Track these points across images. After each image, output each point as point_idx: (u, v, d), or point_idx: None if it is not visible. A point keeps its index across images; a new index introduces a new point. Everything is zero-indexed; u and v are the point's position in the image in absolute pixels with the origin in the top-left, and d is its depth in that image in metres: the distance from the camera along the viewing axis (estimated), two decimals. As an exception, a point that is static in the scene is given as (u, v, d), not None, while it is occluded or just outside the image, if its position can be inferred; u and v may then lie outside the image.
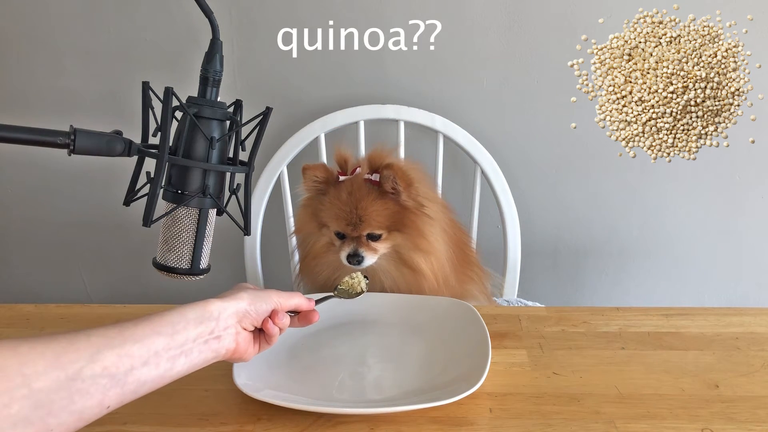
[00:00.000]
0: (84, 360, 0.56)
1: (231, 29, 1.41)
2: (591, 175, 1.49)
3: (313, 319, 0.79)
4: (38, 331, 0.96)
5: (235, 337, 0.69)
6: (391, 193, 0.98)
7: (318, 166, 1.02)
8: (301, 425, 0.73)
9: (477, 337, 0.86)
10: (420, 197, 0.99)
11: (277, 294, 0.75)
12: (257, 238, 1.41)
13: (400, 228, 0.99)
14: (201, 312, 0.66)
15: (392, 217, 0.99)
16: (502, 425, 0.73)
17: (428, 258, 1.00)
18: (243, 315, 0.70)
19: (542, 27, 1.39)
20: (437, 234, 1.01)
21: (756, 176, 1.47)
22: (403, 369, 0.85)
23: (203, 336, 0.65)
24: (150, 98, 0.69)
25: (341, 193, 0.99)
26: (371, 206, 0.98)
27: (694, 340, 0.90)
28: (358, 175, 1.00)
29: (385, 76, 1.43)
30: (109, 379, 0.57)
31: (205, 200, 0.70)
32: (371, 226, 0.98)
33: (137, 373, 0.59)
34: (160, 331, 0.62)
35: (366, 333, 0.94)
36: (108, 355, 0.57)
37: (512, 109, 1.44)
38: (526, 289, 1.45)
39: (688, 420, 0.73)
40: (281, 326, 0.74)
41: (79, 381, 0.55)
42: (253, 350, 0.73)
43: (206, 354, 0.66)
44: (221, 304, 0.68)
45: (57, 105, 1.48)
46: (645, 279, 1.57)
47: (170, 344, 0.62)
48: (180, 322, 0.64)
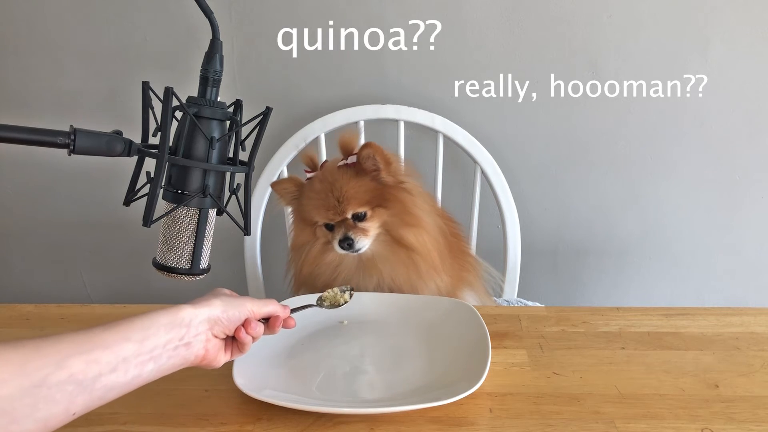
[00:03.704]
0: (50, 367, 0.55)
1: (231, 29, 1.41)
2: (591, 175, 1.49)
3: (289, 326, 0.79)
4: (38, 331, 0.96)
5: (204, 345, 0.68)
6: (372, 171, 0.99)
7: (284, 179, 1.06)
8: (301, 425, 0.73)
9: (477, 337, 0.86)
10: (399, 175, 1.01)
11: (251, 302, 0.74)
12: (257, 238, 1.41)
13: (383, 203, 1.00)
14: (172, 318, 0.65)
15: (372, 193, 0.99)
16: (502, 425, 0.73)
17: (419, 232, 1.01)
18: (214, 322, 0.69)
19: (542, 27, 1.39)
20: (421, 206, 1.02)
21: (756, 176, 1.47)
22: (403, 369, 0.85)
23: (173, 342, 0.65)
24: (150, 98, 0.69)
25: (314, 185, 1.01)
26: (347, 185, 0.99)
27: (694, 340, 0.90)
28: (328, 165, 1.02)
29: (385, 76, 1.43)
30: (75, 386, 0.56)
31: (205, 200, 0.70)
32: (352, 205, 0.99)
33: (105, 380, 0.59)
34: (129, 337, 0.61)
35: (366, 333, 0.94)
36: (75, 361, 0.57)
37: (512, 109, 1.44)
38: (526, 289, 1.45)
39: (688, 420, 0.73)
40: (254, 335, 0.73)
41: (45, 388, 0.54)
42: (223, 357, 0.72)
43: (174, 360, 0.65)
44: (193, 311, 0.67)
45: (57, 105, 1.48)
46: (645, 279, 1.57)
47: (140, 350, 0.62)
48: (150, 328, 0.63)
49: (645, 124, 1.44)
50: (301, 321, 0.87)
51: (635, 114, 1.43)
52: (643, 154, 1.47)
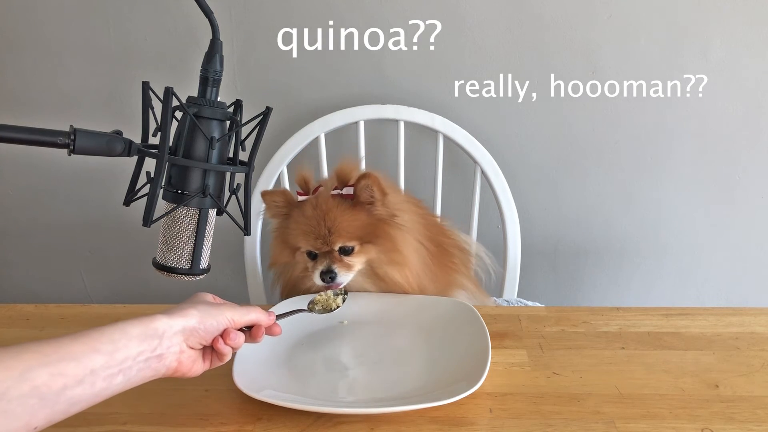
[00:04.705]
0: (12, 380, 0.52)
1: (231, 29, 1.41)
2: (591, 175, 1.49)
3: (274, 333, 0.76)
4: (38, 331, 0.96)
5: (177, 356, 0.66)
6: (367, 202, 0.96)
7: (277, 191, 1.02)
8: (301, 425, 0.73)
9: (477, 337, 0.86)
10: (393, 207, 0.98)
11: (231, 310, 0.71)
12: (257, 238, 1.41)
13: (373, 240, 0.97)
14: (145, 329, 0.63)
15: (363, 228, 0.97)
16: (502, 425, 0.73)
17: (403, 270, 0.99)
18: (190, 333, 0.66)
19: (542, 27, 1.39)
20: (410, 244, 0.99)
21: (756, 176, 1.47)
22: (403, 369, 0.85)
23: (144, 354, 0.62)
24: (150, 98, 0.69)
25: (306, 210, 0.97)
26: (340, 217, 0.96)
27: (694, 340, 0.90)
28: (323, 191, 0.98)
29: (385, 76, 1.43)
30: (38, 400, 0.54)
31: (205, 200, 0.70)
32: (342, 238, 0.96)
33: (70, 393, 0.56)
34: (98, 348, 0.58)
35: (366, 333, 0.94)
36: (40, 373, 0.54)
37: (512, 109, 1.44)
38: (526, 289, 1.45)
39: (688, 420, 0.73)
40: (233, 345, 0.70)
41: (5, 402, 0.52)
42: (201, 367, 0.70)
43: (145, 372, 0.63)
44: (167, 321, 0.65)
45: (57, 105, 1.48)
46: (645, 279, 1.57)
47: (109, 362, 0.59)
48: (121, 339, 0.60)
49: (645, 124, 1.44)
50: (301, 321, 0.88)
51: (635, 114, 1.43)
52: (643, 154, 1.47)
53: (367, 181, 0.95)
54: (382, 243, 0.98)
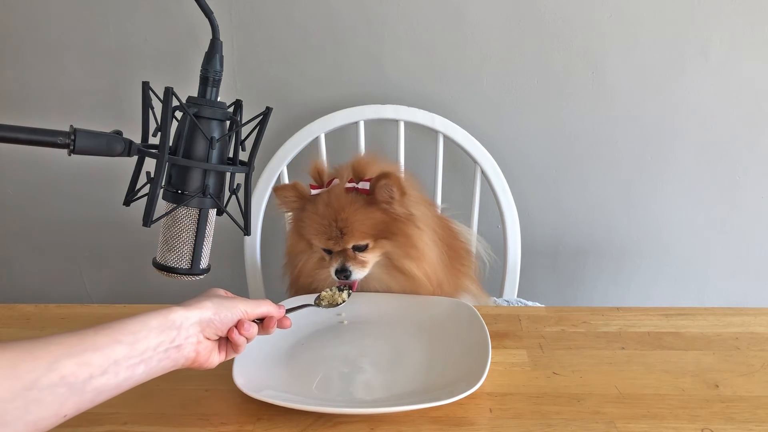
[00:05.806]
0: (42, 369, 0.54)
1: (231, 29, 1.41)
2: (591, 175, 1.49)
3: (284, 326, 0.78)
4: (38, 331, 0.96)
5: (195, 347, 0.68)
6: (384, 202, 0.95)
7: (287, 185, 1.02)
8: (301, 425, 0.73)
9: (477, 337, 0.86)
10: (411, 206, 0.98)
11: (244, 302, 0.73)
12: (257, 238, 1.41)
13: (388, 236, 0.97)
14: (163, 320, 0.65)
15: (377, 226, 0.96)
16: (502, 425, 0.73)
17: (420, 264, 0.98)
18: (206, 324, 0.69)
19: (542, 27, 1.39)
20: (428, 241, 0.99)
21: (756, 176, 1.47)
22: (404, 369, 0.85)
23: (164, 345, 0.64)
24: (150, 98, 0.69)
25: (318, 207, 0.97)
26: (353, 216, 0.95)
27: (694, 340, 0.90)
28: (336, 186, 0.97)
29: (385, 76, 1.43)
30: (67, 389, 0.56)
31: (205, 200, 0.70)
32: (354, 238, 0.95)
33: (96, 382, 0.58)
34: (120, 340, 0.61)
35: (366, 333, 0.94)
36: (67, 363, 0.56)
37: (512, 109, 1.44)
38: (526, 289, 1.45)
39: (688, 420, 0.73)
40: (248, 336, 0.73)
41: (36, 391, 0.54)
42: (217, 358, 0.72)
43: (165, 362, 0.65)
44: (184, 313, 0.67)
45: (57, 105, 1.48)
46: (645, 279, 1.57)
47: (130, 353, 0.61)
48: (141, 331, 0.63)
49: (645, 124, 1.44)
50: (301, 321, 0.88)
51: (635, 114, 1.43)
52: (643, 153, 1.47)
53: (387, 181, 0.94)
54: (397, 239, 0.97)
